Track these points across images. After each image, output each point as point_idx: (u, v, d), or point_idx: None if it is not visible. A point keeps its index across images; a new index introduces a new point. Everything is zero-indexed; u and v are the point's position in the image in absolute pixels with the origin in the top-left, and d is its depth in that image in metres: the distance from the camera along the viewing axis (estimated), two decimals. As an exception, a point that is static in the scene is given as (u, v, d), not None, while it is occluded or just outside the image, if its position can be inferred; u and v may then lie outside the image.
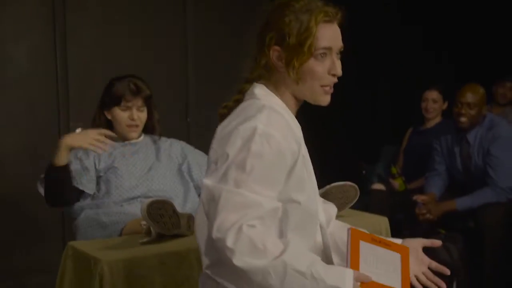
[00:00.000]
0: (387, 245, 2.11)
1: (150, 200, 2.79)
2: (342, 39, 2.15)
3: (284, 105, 2.13)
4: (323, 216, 2.30)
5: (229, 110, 2.15)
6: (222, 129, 2.04)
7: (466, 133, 4.76)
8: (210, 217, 1.90)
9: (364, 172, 5.71)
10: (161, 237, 2.81)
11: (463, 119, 4.70)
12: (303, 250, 1.98)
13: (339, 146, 6.34)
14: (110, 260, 2.62)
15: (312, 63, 2.06)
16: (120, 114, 3.49)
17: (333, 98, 2.16)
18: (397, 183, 5.15)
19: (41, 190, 3.47)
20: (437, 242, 2.40)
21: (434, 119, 5.49)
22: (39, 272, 4.98)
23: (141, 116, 3.54)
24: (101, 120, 3.56)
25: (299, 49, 2.03)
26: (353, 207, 3.41)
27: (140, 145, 3.59)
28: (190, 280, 2.71)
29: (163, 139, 3.70)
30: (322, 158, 2.40)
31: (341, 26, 2.14)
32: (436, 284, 2.37)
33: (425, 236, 4.68)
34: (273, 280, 1.82)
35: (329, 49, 2.08)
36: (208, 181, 1.93)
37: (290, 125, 2.08)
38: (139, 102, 3.50)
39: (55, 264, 3.06)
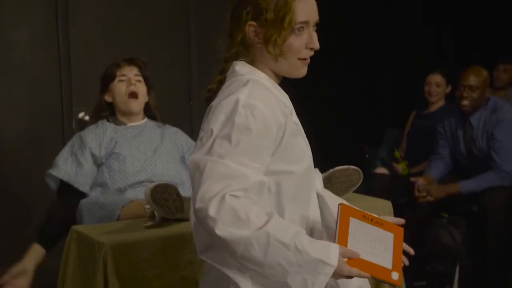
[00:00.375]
0: (380, 224, 2.05)
1: (154, 184, 2.79)
2: (343, 23, 2.13)
3: (268, 78, 2.09)
4: (320, 183, 2.29)
5: (214, 92, 2.13)
6: (209, 110, 2.03)
7: (469, 116, 4.75)
8: (194, 188, 1.86)
9: (367, 156, 5.72)
10: (164, 221, 2.82)
11: (465, 102, 4.69)
12: (287, 222, 1.96)
13: (342, 130, 6.33)
14: (114, 244, 2.63)
15: (290, 38, 2.02)
16: (118, 86, 3.51)
17: (335, 82, 2.15)
18: (400, 167, 5.14)
19: (52, 184, 3.52)
20: (401, 220, 2.28)
21: (437, 103, 5.48)
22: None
23: (140, 88, 3.53)
24: (102, 105, 3.57)
25: (278, 25, 1.98)
26: (356, 191, 3.41)
27: (143, 127, 3.61)
28: (193, 264, 2.71)
29: (168, 126, 3.70)
30: (325, 142, 2.39)
31: None
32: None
33: (427, 220, 4.76)
34: (256, 251, 1.79)
35: (307, 23, 2.03)
36: (194, 155, 1.90)
37: (276, 96, 2.05)
38: (134, 70, 3.54)
39: (59, 248, 3.08)
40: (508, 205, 4.55)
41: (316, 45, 2.06)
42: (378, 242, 2.02)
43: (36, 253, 3.36)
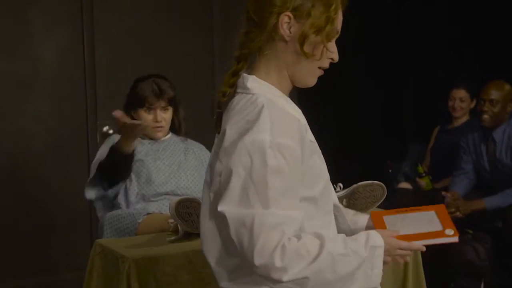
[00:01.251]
0: (417, 209, 2.05)
1: (179, 198, 2.81)
2: (368, 38, 2.12)
3: (280, 93, 1.96)
4: (334, 194, 2.25)
5: (229, 98, 2.00)
6: (227, 133, 1.88)
7: (491, 131, 4.74)
8: (245, 244, 1.77)
9: (390, 171, 5.70)
10: (188, 236, 2.83)
11: (485, 116, 4.70)
12: (331, 235, 1.97)
13: (365, 145, 6.32)
14: (137, 258, 2.64)
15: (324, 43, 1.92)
16: (145, 116, 3.54)
17: (359, 97, 2.14)
18: (424, 182, 5.13)
19: (90, 194, 3.51)
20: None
21: (461, 118, 5.46)
22: (68, 268, 5.05)
23: (166, 116, 3.58)
24: None
25: (322, 25, 1.88)
26: (379, 206, 3.40)
27: (167, 143, 3.65)
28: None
29: (191, 140, 3.74)
30: (348, 157, 2.36)
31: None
32: None
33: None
34: (326, 273, 1.79)
35: (338, 33, 1.97)
36: (226, 208, 1.80)
37: (293, 116, 1.92)
38: (162, 103, 3.54)
39: (83, 262, 3.10)
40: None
41: (337, 57, 1.98)
42: (421, 221, 2.01)
43: None
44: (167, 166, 3.55)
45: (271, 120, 1.83)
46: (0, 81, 4.97)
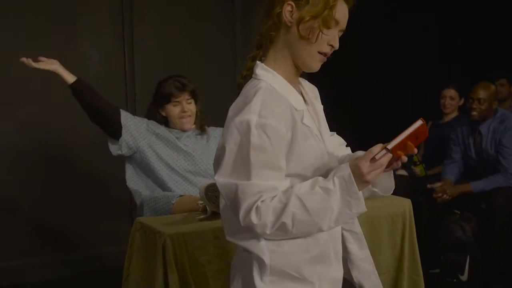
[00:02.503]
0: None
1: (207, 183, 2.82)
2: (368, 42, 2.08)
3: (283, 81, 1.94)
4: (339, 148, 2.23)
5: (245, 80, 2.00)
6: (228, 113, 1.89)
7: (479, 125, 4.74)
8: (234, 210, 1.81)
9: (389, 160, 5.68)
10: (215, 215, 2.83)
11: (474, 113, 4.71)
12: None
13: (366, 137, 6.30)
14: (172, 234, 2.64)
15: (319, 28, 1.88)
16: (172, 110, 3.55)
17: (362, 94, 2.10)
18: (418, 170, 5.11)
19: (111, 147, 3.59)
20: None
21: (451, 114, 5.44)
22: (111, 243, 5.09)
23: (191, 107, 3.58)
24: (157, 117, 3.61)
25: (317, 10, 1.86)
26: (379, 191, 3.40)
27: (192, 132, 3.63)
28: None
29: (212, 127, 3.71)
30: (350, 147, 2.32)
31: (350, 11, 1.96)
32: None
33: (442, 216, 4.74)
34: (300, 214, 1.78)
35: (337, 23, 1.90)
36: (219, 179, 1.82)
37: (287, 102, 1.89)
38: (186, 95, 3.55)
39: (125, 237, 3.10)
40: (513, 204, 4.52)
41: (336, 45, 1.93)
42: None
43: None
44: (191, 151, 3.56)
45: (262, 103, 1.81)
46: (53, 83, 5.01)
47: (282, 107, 1.85)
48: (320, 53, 1.91)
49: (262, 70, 1.93)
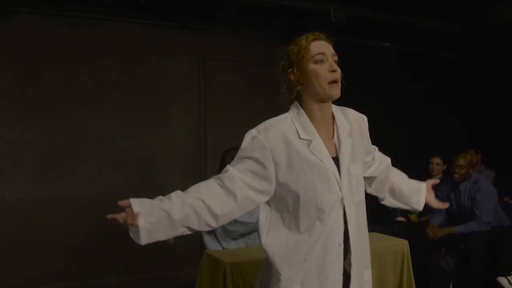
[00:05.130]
0: None
1: None
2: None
3: (303, 114, 1.79)
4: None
5: None
6: None
7: (458, 185, 4.71)
8: None
9: (391, 209, 5.63)
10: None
11: (456, 175, 4.69)
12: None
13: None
14: (230, 262, 2.65)
15: (314, 67, 1.77)
16: None
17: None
18: (413, 217, 5.07)
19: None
20: (436, 181, 2.32)
21: (437, 176, 5.39)
22: (185, 267, 4.91)
23: None
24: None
25: (301, 59, 1.78)
26: (383, 232, 3.39)
27: None
28: None
29: None
30: None
31: (330, 43, 1.84)
32: (439, 206, 2.32)
33: (430, 252, 4.66)
34: None
35: (323, 54, 1.77)
36: None
37: (292, 130, 1.76)
38: None
39: (196, 263, 3.12)
40: (485, 243, 4.44)
41: (335, 67, 1.78)
42: None
43: None
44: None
45: (267, 124, 1.77)
46: (153, 148, 5.09)
47: (279, 133, 1.75)
48: (329, 82, 1.78)
49: (293, 106, 1.84)
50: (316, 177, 1.72)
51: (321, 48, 1.79)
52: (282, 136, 1.74)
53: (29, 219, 4.58)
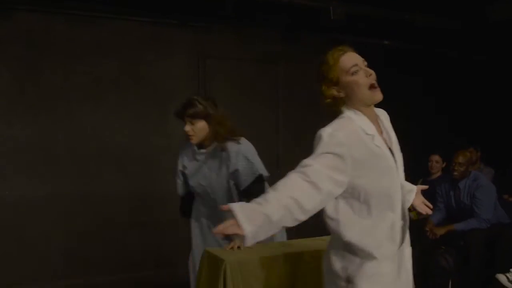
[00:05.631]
0: None
1: None
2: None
3: (361, 114, 1.95)
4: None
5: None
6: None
7: (458, 183, 4.71)
8: None
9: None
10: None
11: (455, 173, 4.68)
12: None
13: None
14: (230, 261, 2.62)
15: (352, 78, 1.93)
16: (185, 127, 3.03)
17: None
18: (412, 215, 5.05)
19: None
20: (424, 187, 2.48)
21: (437, 173, 5.41)
22: (184, 264, 4.93)
23: (192, 127, 2.97)
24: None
25: (336, 77, 1.95)
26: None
27: (208, 154, 3.06)
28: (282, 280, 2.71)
29: (230, 146, 2.98)
30: None
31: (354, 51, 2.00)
32: (425, 211, 2.42)
33: (430, 250, 4.66)
34: None
35: (356, 65, 1.94)
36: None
37: (358, 127, 1.91)
38: (185, 118, 2.99)
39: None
40: (484, 240, 4.45)
41: (369, 71, 1.96)
42: None
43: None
44: (208, 177, 3.05)
45: (338, 123, 1.92)
46: (152, 147, 5.05)
47: (351, 130, 1.90)
48: (369, 88, 1.94)
49: (345, 109, 1.98)
50: (383, 167, 1.92)
51: (352, 61, 1.95)
52: (354, 133, 1.90)
53: (28, 217, 4.58)
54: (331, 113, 2.02)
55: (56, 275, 4.64)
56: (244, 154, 2.96)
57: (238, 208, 1.70)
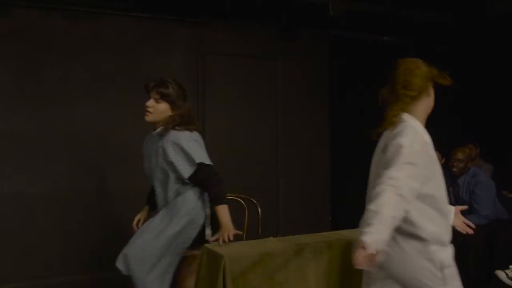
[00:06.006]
0: None
1: None
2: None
3: (420, 124, 2.27)
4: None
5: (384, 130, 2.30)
6: (385, 141, 2.23)
7: (457, 179, 4.72)
8: None
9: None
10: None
11: (454, 169, 4.72)
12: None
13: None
14: (229, 256, 2.63)
15: (433, 95, 2.36)
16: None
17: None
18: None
19: None
20: (464, 208, 2.82)
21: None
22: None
23: (155, 105, 2.98)
24: None
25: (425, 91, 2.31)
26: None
27: (155, 136, 3.07)
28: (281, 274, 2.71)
29: (171, 133, 2.96)
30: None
31: None
32: (466, 231, 2.74)
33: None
34: None
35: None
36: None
37: (423, 136, 2.21)
38: (153, 94, 3.00)
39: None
40: (483, 237, 4.45)
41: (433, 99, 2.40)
42: None
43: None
44: (149, 162, 3.08)
45: (411, 134, 2.16)
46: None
47: (422, 139, 2.20)
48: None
49: (407, 117, 2.26)
50: (438, 171, 2.26)
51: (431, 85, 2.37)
52: (425, 143, 2.19)
53: (28, 213, 4.58)
54: (382, 111, 2.28)
55: (57, 271, 4.64)
56: (179, 144, 2.93)
57: (373, 244, 1.92)
